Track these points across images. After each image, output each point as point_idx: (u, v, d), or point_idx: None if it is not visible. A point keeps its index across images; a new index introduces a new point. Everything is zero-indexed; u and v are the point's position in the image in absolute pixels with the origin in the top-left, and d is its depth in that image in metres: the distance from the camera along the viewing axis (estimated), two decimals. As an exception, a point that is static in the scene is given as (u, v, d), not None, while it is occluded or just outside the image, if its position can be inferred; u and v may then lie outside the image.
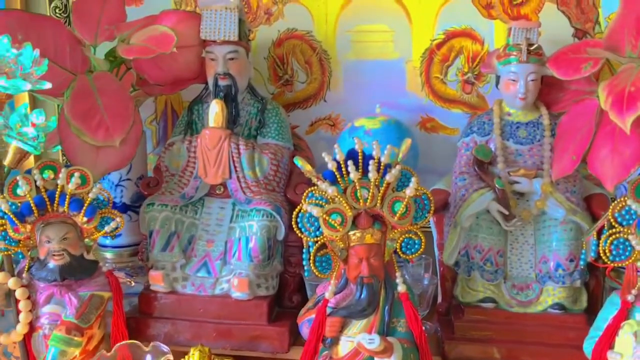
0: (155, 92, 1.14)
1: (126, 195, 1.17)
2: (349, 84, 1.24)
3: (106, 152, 1.00)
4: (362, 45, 1.22)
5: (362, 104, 1.22)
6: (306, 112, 1.26)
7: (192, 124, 1.12)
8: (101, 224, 0.95)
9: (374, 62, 1.22)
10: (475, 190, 1.01)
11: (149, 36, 1.05)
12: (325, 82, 1.24)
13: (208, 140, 1.05)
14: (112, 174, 1.15)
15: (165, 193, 1.08)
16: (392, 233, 0.87)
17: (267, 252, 1.02)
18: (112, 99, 1.03)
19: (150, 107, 1.31)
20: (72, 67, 1.07)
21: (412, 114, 1.22)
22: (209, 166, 1.05)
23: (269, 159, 1.06)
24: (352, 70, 1.23)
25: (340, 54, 1.23)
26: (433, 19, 1.19)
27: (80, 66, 1.09)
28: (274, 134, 1.10)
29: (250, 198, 1.05)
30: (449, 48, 1.19)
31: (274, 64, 1.25)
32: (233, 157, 1.05)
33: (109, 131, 1.00)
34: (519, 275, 1.01)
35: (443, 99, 1.21)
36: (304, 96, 1.26)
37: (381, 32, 1.21)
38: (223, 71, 1.07)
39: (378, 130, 1.07)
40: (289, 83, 1.26)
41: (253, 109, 1.11)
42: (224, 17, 1.06)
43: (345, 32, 1.22)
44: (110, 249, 1.19)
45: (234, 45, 1.07)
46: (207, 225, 1.07)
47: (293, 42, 1.24)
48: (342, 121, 1.25)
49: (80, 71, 1.06)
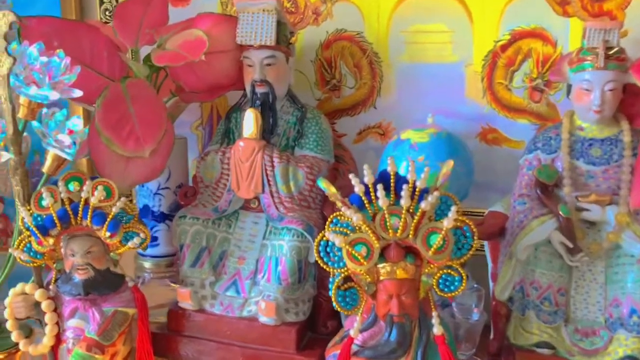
0: (192, 99, 1.09)
1: (164, 204, 1.13)
2: (402, 90, 1.13)
3: (136, 163, 0.96)
4: (417, 47, 1.10)
5: (416, 111, 1.11)
6: (354, 120, 1.16)
7: (230, 132, 1.06)
8: (125, 239, 0.92)
9: (430, 65, 1.10)
10: (535, 217, 0.88)
11: (184, 41, 1.00)
12: (376, 88, 1.14)
13: (241, 152, 0.98)
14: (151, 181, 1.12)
15: (198, 205, 1.03)
16: (428, 267, 0.76)
17: (298, 275, 0.94)
18: (145, 107, 0.99)
19: (196, 112, 1.28)
20: (109, 73, 1.05)
21: (471, 124, 1.09)
22: (242, 179, 0.99)
23: (305, 173, 0.98)
24: (405, 75, 1.12)
25: (393, 56, 1.12)
26: (497, 17, 1.05)
27: (118, 72, 1.06)
28: (312, 145, 1.02)
29: (282, 215, 0.97)
30: (515, 50, 1.05)
31: (321, 68, 1.17)
32: (266, 170, 0.98)
33: (140, 141, 0.96)
34: (584, 318, 0.86)
35: (507, 108, 1.07)
36: (353, 102, 1.16)
37: (438, 33, 1.09)
38: (260, 78, 1.00)
39: (425, 145, 0.95)
40: (337, 88, 1.17)
41: (292, 117, 1.04)
42: (261, 20, 0.99)
43: (398, 33, 1.11)
44: (149, 258, 1.16)
45: (272, 50, 1.00)
46: (239, 241, 1.01)
47: (342, 44, 1.15)
48: (393, 130, 1.14)
49: (118, 77, 1.03)
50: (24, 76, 0.89)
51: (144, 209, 1.14)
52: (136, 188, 1.17)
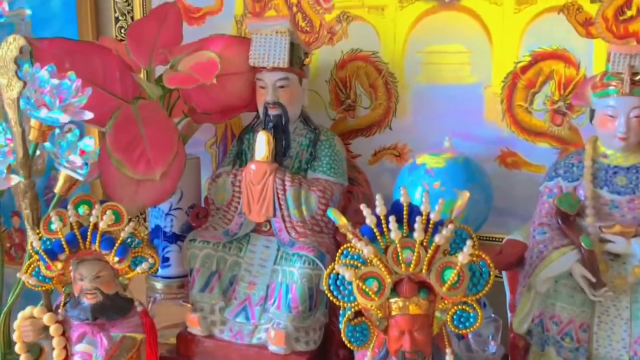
0: (204, 121, 1.08)
1: (176, 224, 1.12)
2: (418, 111, 1.10)
3: (146, 186, 0.95)
4: (434, 68, 1.08)
5: (432, 134, 1.08)
6: (369, 141, 1.14)
7: (242, 154, 1.05)
8: (134, 263, 0.90)
9: (447, 87, 1.07)
10: (555, 248, 0.84)
11: (196, 63, 0.98)
12: (392, 108, 1.12)
13: (253, 175, 0.97)
14: (163, 202, 1.11)
15: (209, 228, 1.01)
16: (442, 303, 0.73)
17: (308, 303, 0.92)
18: (156, 129, 0.98)
19: (210, 130, 1.26)
20: (122, 94, 1.04)
21: (490, 147, 1.06)
22: (253, 202, 0.97)
23: (317, 197, 0.96)
24: (421, 96, 1.09)
25: (409, 77, 1.10)
26: (518, 38, 1.02)
27: (131, 92, 1.05)
28: (325, 168, 0.99)
29: (294, 240, 0.95)
30: (536, 72, 1.02)
31: (336, 88, 1.15)
32: (278, 193, 0.96)
33: (150, 164, 0.95)
34: (608, 356, 0.82)
35: (527, 131, 1.04)
36: (368, 123, 1.14)
37: (456, 54, 1.06)
38: (272, 100, 0.98)
39: (441, 170, 0.92)
40: (352, 108, 1.14)
41: (305, 139, 1.02)
42: (274, 42, 0.97)
43: (415, 53, 1.08)
44: (161, 279, 1.15)
45: (285, 72, 0.98)
46: (250, 265, 0.99)
47: (357, 64, 1.13)
48: (409, 152, 1.12)
49: (131, 97, 1.03)
50: (35, 99, 0.88)
51: (156, 229, 1.13)
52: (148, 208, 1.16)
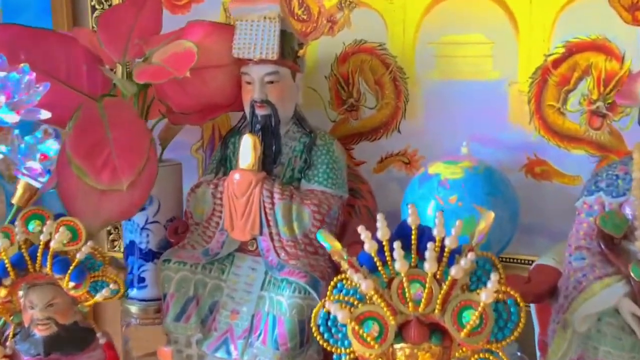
0: (182, 122, 0.94)
1: (153, 240, 0.98)
2: (431, 112, 0.95)
3: (111, 197, 0.81)
4: (449, 62, 0.93)
5: (447, 138, 0.93)
6: (375, 146, 0.99)
7: (226, 160, 0.91)
8: (94, 289, 0.77)
9: (465, 83, 0.92)
10: (598, 278, 0.69)
11: (171, 54, 0.85)
12: (400, 109, 0.97)
13: (236, 185, 0.83)
14: (138, 214, 0.97)
15: (186, 246, 0.88)
16: (459, 351, 0.59)
17: (299, 338, 0.78)
18: (126, 131, 0.84)
19: (196, 133, 1.13)
20: (90, 90, 0.91)
21: (515, 154, 0.91)
22: (236, 218, 0.83)
23: (311, 212, 0.82)
24: (435, 94, 0.94)
25: (421, 72, 0.95)
26: (549, 26, 0.86)
27: (100, 88, 0.92)
28: (321, 178, 0.85)
29: (283, 263, 0.81)
30: (570, 66, 0.86)
31: (336, 84, 1.00)
32: (265, 208, 0.82)
33: (117, 172, 0.81)
34: (663, 413, 0.67)
35: (559, 135, 0.89)
36: (373, 125, 0.99)
37: (476, 45, 0.91)
38: (260, 98, 0.84)
39: (458, 182, 0.78)
40: (355, 108, 1.00)
41: (298, 144, 0.87)
42: (261, 30, 0.83)
43: (427, 45, 0.94)
44: (137, 301, 1.01)
45: (274, 65, 0.84)
46: (233, 290, 0.85)
47: (361, 57, 0.98)
48: (420, 159, 0.97)
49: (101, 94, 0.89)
50: (-23, 96, 0.75)
51: (130, 245, 0.99)
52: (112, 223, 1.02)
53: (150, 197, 0.95)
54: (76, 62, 0.89)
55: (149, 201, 0.96)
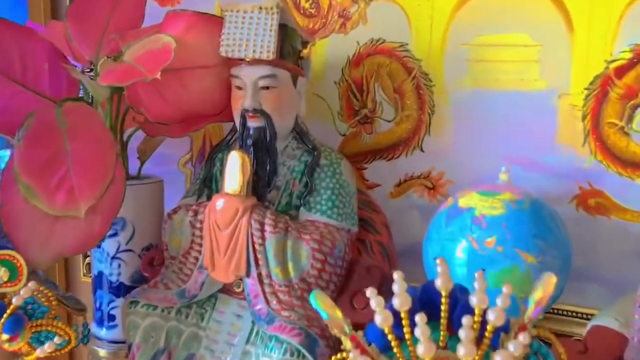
0: (159, 133, 0.78)
1: (125, 272, 0.82)
2: (462, 127, 0.79)
3: (64, 225, 0.66)
4: (485, 67, 0.77)
5: (481, 159, 0.77)
6: (392, 166, 0.83)
7: (212, 180, 0.75)
8: (37, 340, 0.62)
9: (503, 94, 0.76)
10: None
11: (147, 50, 0.69)
12: (424, 122, 0.81)
13: (219, 214, 0.67)
14: (109, 240, 0.82)
15: (159, 285, 0.72)
16: None
17: (290, 412, 0.61)
18: (88, 143, 0.69)
19: (184, 144, 0.97)
20: (53, 93, 0.76)
21: (563, 183, 0.74)
22: (218, 254, 0.68)
23: (311, 249, 0.66)
24: (467, 106, 0.78)
25: (451, 79, 0.79)
26: (614, 25, 0.70)
27: (66, 91, 0.77)
28: (324, 207, 0.69)
29: (274, 313, 0.65)
30: (638, 75, 0.69)
31: (348, 92, 0.84)
32: (254, 243, 0.66)
33: (74, 194, 0.66)
34: None
35: (621, 161, 0.72)
36: (390, 141, 0.83)
37: (519, 47, 0.75)
38: (252, 106, 0.69)
39: (498, 220, 0.61)
40: (369, 120, 0.84)
41: (298, 164, 0.71)
42: (255, 22, 0.67)
43: (459, 46, 0.77)
44: (106, 343, 0.85)
45: (271, 66, 0.68)
46: (213, 342, 0.70)
47: (378, 60, 0.82)
48: (446, 184, 0.80)
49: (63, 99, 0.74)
50: None
51: (99, 276, 0.84)
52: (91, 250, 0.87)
53: (122, 220, 0.81)
54: (35, 59, 0.74)
55: (120, 225, 0.81)
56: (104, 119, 0.79)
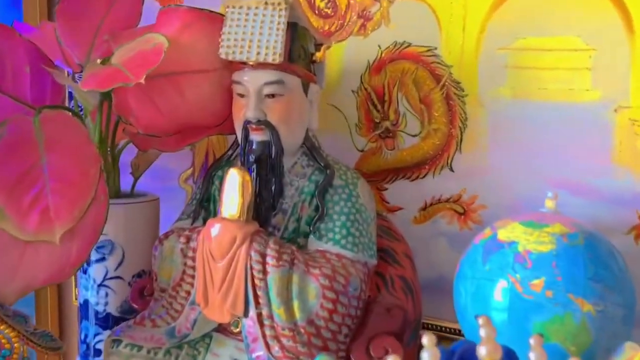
0: (151, 146, 0.69)
1: (113, 301, 0.73)
2: (499, 143, 0.68)
3: (37, 252, 0.57)
4: (527, 75, 0.66)
5: (521, 182, 0.67)
6: (417, 187, 0.73)
7: (210, 201, 0.66)
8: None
9: (549, 106, 0.65)
10: None
11: (137, 52, 0.61)
12: (455, 137, 0.70)
13: (213, 242, 0.57)
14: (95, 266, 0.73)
15: (145, 321, 0.62)
16: None
17: None
18: (67, 156, 0.60)
19: (185, 158, 0.89)
20: (35, 100, 0.68)
21: (619, 210, 0.63)
22: (212, 290, 0.58)
23: (320, 287, 0.56)
24: (505, 119, 0.68)
25: (486, 88, 0.68)
26: (684, 25, 0.59)
27: (50, 98, 0.69)
28: (338, 235, 0.59)
29: (275, 361, 0.55)
30: None
31: (367, 102, 0.75)
32: (253, 277, 0.56)
33: (48, 215, 0.57)
34: None
35: (692, 187, 0.61)
36: (415, 158, 0.73)
37: (568, 52, 0.64)
38: (256, 117, 0.59)
39: (547, 258, 0.50)
40: (391, 135, 0.74)
41: (308, 184, 0.62)
42: (260, 20, 0.58)
43: (496, 51, 0.67)
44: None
45: (278, 71, 0.59)
46: (206, 391, 0.60)
47: (402, 66, 0.72)
48: (479, 209, 0.70)
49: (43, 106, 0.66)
50: None
51: (84, 305, 0.75)
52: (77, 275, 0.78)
53: (110, 243, 0.72)
54: (15, 61, 0.66)
55: (109, 249, 0.73)
56: (94, 129, 0.71)
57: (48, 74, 0.68)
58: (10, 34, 0.66)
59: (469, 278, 0.54)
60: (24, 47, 0.67)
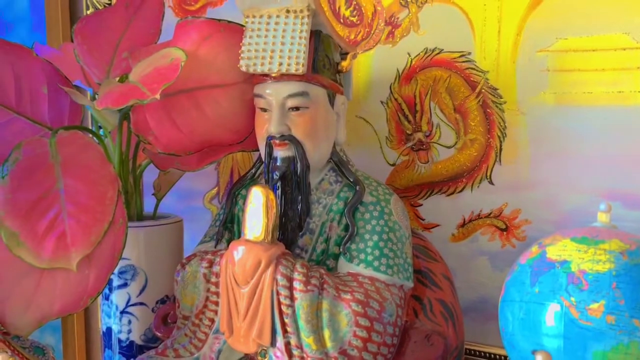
0: (171, 166, 0.66)
1: (136, 329, 0.70)
2: (542, 153, 0.63)
3: (53, 280, 0.55)
4: (571, 79, 0.61)
5: (568, 194, 0.61)
6: (454, 202, 0.68)
7: (233, 222, 0.62)
8: None
9: (596, 111, 0.60)
10: None
11: (155, 68, 0.58)
12: (494, 148, 0.66)
13: (237, 266, 0.53)
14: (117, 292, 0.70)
15: (167, 351, 0.59)
16: None
17: None
18: (83, 179, 0.58)
19: (210, 178, 0.86)
20: (54, 121, 0.66)
21: (682, 223, 0.57)
22: (237, 317, 0.54)
23: (353, 313, 0.51)
24: (548, 127, 0.63)
25: (526, 94, 0.64)
26: None
27: (69, 119, 0.67)
28: (370, 257, 0.55)
29: (306, 396, 0.51)
30: None
31: (397, 113, 0.71)
32: (280, 304, 0.52)
33: (65, 241, 0.55)
34: None
35: None
36: (451, 171, 0.68)
37: (615, 52, 0.59)
38: (279, 131, 0.56)
39: (606, 279, 0.45)
40: (424, 147, 0.69)
41: (337, 201, 0.58)
42: (282, 29, 0.55)
43: (536, 53, 0.63)
44: (115, 410, 0.73)
45: (302, 82, 0.55)
46: None
47: (434, 73, 0.68)
48: (522, 224, 0.64)
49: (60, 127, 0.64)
50: None
51: (107, 333, 0.72)
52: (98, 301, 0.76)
53: (133, 268, 0.69)
54: (31, 81, 0.64)
55: (131, 274, 0.70)
56: (114, 150, 0.69)
57: (67, 95, 0.66)
58: (27, 55, 0.64)
59: (517, 302, 0.49)
60: (41, 67, 0.65)
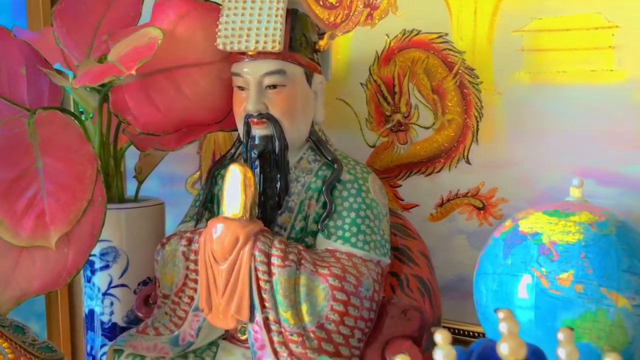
0: (150, 146, 0.66)
1: (118, 311, 0.71)
2: (518, 132, 0.64)
3: (32, 258, 0.55)
4: (545, 58, 0.62)
5: (543, 172, 0.62)
6: (432, 182, 0.69)
7: (214, 202, 0.63)
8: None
9: (570, 89, 0.61)
10: None
11: (133, 47, 0.58)
12: (470, 128, 0.66)
13: (216, 243, 0.54)
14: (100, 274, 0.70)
15: (148, 330, 0.59)
16: None
17: None
18: (62, 158, 0.58)
19: (193, 162, 0.86)
20: (32, 102, 0.66)
21: (652, 199, 0.59)
22: (216, 294, 0.55)
23: (330, 287, 0.52)
24: (524, 106, 0.64)
25: (502, 74, 0.64)
26: None
27: (48, 100, 0.67)
28: (348, 233, 0.55)
29: (284, 368, 0.51)
30: None
31: (377, 95, 0.71)
32: (258, 280, 0.53)
33: (44, 219, 0.55)
34: None
35: None
36: (430, 152, 0.69)
37: (589, 31, 0.60)
38: (257, 109, 0.56)
39: (575, 250, 0.46)
40: (403, 128, 0.70)
41: (315, 180, 0.58)
42: (258, 7, 0.55)
43: (511, 33, 0.63)
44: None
45: (279, 60, 0.56)
46: (213, 402, 0.56)
47: (412, 55, 0.69)
48: (500, 203, 0.65)
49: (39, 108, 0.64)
50: None
51: (90, 315, 0.72)
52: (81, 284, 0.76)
53: (114, 250, 0.69)
54: (10, 63, 0.64)
55: (112, 256, 0.70)
56: (94, 132, 0.69)
57: (46, 77, 0.66)
58: (5, 35, 0.64)
59: (490, 274, 0.50)
60: (19, 48, 0.65)
